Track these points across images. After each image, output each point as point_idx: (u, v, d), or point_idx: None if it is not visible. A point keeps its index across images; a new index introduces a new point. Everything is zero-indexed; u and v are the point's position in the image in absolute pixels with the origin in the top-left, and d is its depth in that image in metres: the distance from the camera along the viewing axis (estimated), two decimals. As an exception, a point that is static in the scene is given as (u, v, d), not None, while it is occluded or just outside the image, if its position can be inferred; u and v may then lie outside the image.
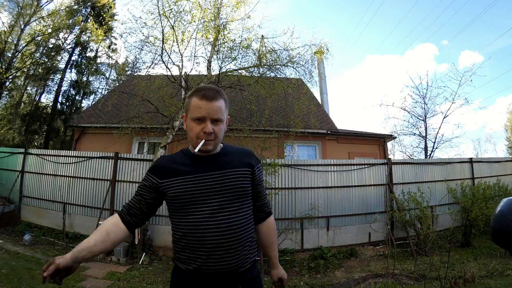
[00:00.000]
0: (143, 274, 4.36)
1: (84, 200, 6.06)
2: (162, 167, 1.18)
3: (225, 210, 1.09)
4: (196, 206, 1.08)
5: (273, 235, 1.33)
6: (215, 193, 1.10)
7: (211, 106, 1.09)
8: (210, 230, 1.06)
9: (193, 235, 1.07)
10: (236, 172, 1.16)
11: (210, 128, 1.09)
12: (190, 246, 1.08)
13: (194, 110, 1.11)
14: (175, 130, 6.13)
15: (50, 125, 17.32)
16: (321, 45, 7.26)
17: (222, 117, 1.13)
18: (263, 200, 1.30)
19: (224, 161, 1.18)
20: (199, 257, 1.06)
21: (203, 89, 1.13)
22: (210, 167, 1.15)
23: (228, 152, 1.23)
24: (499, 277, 4.03)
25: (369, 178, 6.36)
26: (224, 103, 1.15)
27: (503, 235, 0.92)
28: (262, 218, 1.30)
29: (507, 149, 23.82)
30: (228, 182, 1.13)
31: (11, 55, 15.20)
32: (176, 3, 6.33)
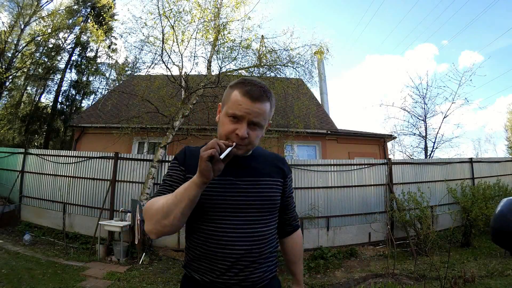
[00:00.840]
0: (143, 274, 4.36)
1: (84, 200, 6.06)
2: (188, 157, 1.03)
3: (254, 222, 0.98)
4: (220, 214, 0.96)
5: (299, 250, 1.22)
6: (244, 203, 0.98)
7: (253, 107, 0.92)
8: (236, 243, 0.95)
9: (213, 245, 0.95)
10: (270, 182, 1.05)
11: (245, 132, 0.92)
12: (209, 256, 0.96)
13: (232, 105, 0.93)
14: (175, 130, 6.13)
15: (50, 125, 17.32)
16: (321, 45, 7.28)
17: (262, 122, 0.96)
18: (292, 213, 1.20)
19: (257, 167, 1.05)
20: (218, 269, 0.95)
21: (249, 83, 0.95)
22: (241, 171, 1.01)
23: (260, 155, 1.10)
24: (499, 277, 4.03)
25: (369, 178, 6.36)
26: (269, 106, 0.98)
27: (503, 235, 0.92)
28: (290, 231, 1.20)
29: (507, 149, 23.82)
30: (260, 193, 1.01)
31: (11, 55, 15.20)
32: (176, 3, 6.35)
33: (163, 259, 5.17)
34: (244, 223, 0.97)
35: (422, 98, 9.88)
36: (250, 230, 0.97)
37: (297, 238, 1.21)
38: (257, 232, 0.98)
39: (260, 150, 1.13)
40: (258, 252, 0.98)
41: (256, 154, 1.09)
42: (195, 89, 6.51)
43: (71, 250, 5.21)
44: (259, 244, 0.98)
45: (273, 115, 1.05)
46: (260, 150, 1.14)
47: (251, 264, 0.96)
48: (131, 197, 5.71)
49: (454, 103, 9.54)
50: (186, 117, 6.35)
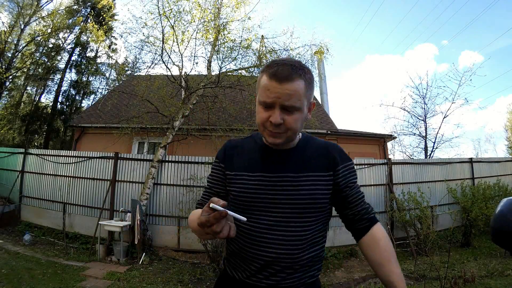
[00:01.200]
0: (143, 274, 4.36)
1: (84, 200, 6.06)
2: (228, 153, 0.99)
3: (290, 222, 0.89)
4: (255, 211, 0.90)
5: (388, 246, 0.93)
6: (281, 201, 0.89)
7: (282, 89, 0.82)
8: (268, 244, 0.87)
9: (247, 242, 0.90)
10: (312, 178, 0.92)
11: (279, 118, 0.84)
12: (241, 254, 0.92)
13: (262, 92, 0.86)
14: (175, 130, 6.13)
15: (50, 125, 17.33)
16: (321, 45, 7.29)
17: (297, 104, 0.85)
18: (360, 206, 0.98)
19: (300, 160, 0.94)
20: (249, 269, 0.90)
21: (277, 64, 0.86)
22: (281, 166, 0.93)
23: (307, 146, 0.98)
24: (499, 277, 4.03)
25: (369, 178, 6.36)
26: (303, 84, 0.86)
27: (503, 235, 0.92)
28: (366, 227, 0.96)
29: (507, 149, 23.83)
30: (299, 191, 0.90)
31: (11, 55, 15.21)
32: (176, 3, 6.35)
33: (163, 259, 5.17)
34: (279, 224, 0.89)
35: (422, 98, 9.90)
36: (286, 233, 0.88)
37: (378, 232, 0.95)
38: (293, 236, 0.88)
39: (310, 140, 1.01)
40: (293, 257, 0.87)
41: (303, 145, 0.98)
42: (195, 89, 6.51)
43: (71, 250, 5.21)
44: (295, 249, 0.88)
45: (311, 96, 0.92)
46: (311, 140, 1.01)
47: (285, 269, 0.87)
48: (131, 197, 5.71)
49: (454, 103, 9.56)
50: (186, 117, 6.35)
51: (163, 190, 5.80)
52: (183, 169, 5.86)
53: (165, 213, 5.67)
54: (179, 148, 6.99)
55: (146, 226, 5.35)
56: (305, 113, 0.90)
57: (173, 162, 5.92)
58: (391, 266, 0.90)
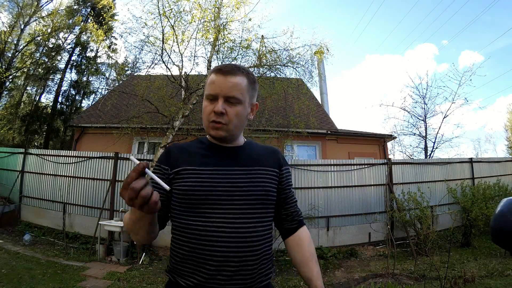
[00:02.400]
0: (143, 274, 4.36)
1: (84, 200, 6.06)
2: (173, 154, 0.97)
3: (246, 217, 0.88)
4: (210, 206, 0.87)
5: (309, 247, 1.02)
6: (236, 194, 0.89)
7: (226, 82, 0.89)
8: (224, 239, 0.85)
9: (200, 242, 0.85)
10: (264, 172, 0.96)
11: (220, 107, 0.88)
12: (194, 256, 0.86)
13: (208, 86, 0.93)
14: (175, 130, 6.13)
15: (50, 125, 17.33)
16: (321, 45, 7.27)
17: (239, 96, 0.90)
18: (293, 208, 1.06)
19: (249, 156, 0.98)
20: (204, 272, 0.84)
21: (223, 64, 0.95)
22: (232, 161, 0.95)
23: (253, 147, 1.04)
24: (499, 277, 4.03)
25: (369, 178, 6.36)
26: (246, 80, 0.93)
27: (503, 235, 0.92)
28: (294, 228, 1.04)
29: (507, 149, 23.83)
30: (253, 183, 0.92)
31: (11, 55, 15.20)
32: (177, 3, 6.34)
33: (163, 259, 5.17)
34: (236, 217, 0.87)
35: (422, 98, 9.90)
36: (240, 226, 0.87)
37: (303, 234, 1.05)
38: (250, 228, 0.88)
39: (253, 144, 1.07)
40: (252, 252, 0.87)
41: (249, 146, 1.04)
42: (195, 89, 6.50)
43: (71, 250, 5.21)
44: (253, 243, 0.88)
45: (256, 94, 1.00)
46: (254, 143, 1.08)
47: (244, 265, 0.85)
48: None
49: (454, 103, 9.56)
50: (186, 117, 6.34)
51: (163, 190, 5.80)
52: (183, 169, 5.85)
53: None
54: (179, 148, 6.99)
55: (146, 226, 5.34)
56: (246, 109, 0.95)
57: (173, 162, 5.91)
58: (312, 265, 0.99)
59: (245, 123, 0.99)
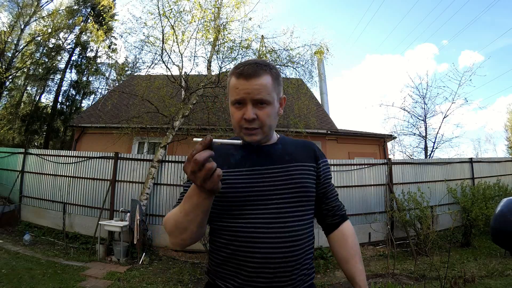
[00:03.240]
0: (143, 274, 4.36)
1: (84, 200, 6.06)
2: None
3: (286, 216, 0.86)
4: (248, 207, 0.86)
5: (353, 244, 1.00)
6: (275, 193, 0.87)
7: (251, 85, 0.86)
8: (263, 240, 0.82)
9: (240, 244, 0.84)
10: (301, 168, 0.93)
11: (252, 114, 0.85)
12: (234, 259, 0.84)
13: (232, 92, 0.89)
14: (175, 130, 6.13)
15: (50, 125, 17.32)
16: (321, 45, 7.28)
17: (267, 97, 0.87)
18: (335, 202, 1.03)
19: (284, 153, 0.95)
20: (244, 274, 0.83)
21: (242, 65, 0.90)
22: (267, 159, 0.92)
23: (287, 142, 1.01)
24: (499, 277, 4.03)
25: (369, 178, 6.36)
26: (271, 79, 0.89)
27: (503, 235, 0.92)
28: (337, 223, 1.02)
29: (507, 149, 23.81)
30: (291, 180, 0.89)
31: (11, 55, 15.20)
32: (177, 3, 6.35)
33: (163, 259, 5.17)
34: (274, 217, 0.85)
35: (422, 98, 9.89)
36: (280, 226, 0.85)
37: (347, 229, 1.02)
38: (290, 228, 0.86)
39: (287, 139, 1.04)
40: (292, 253, 0.85)
41: (283, 141, 1.01)
42: (195, 89, 6.51)
43: (71, 250, 5.21)
44: (294, 243, 0.85)
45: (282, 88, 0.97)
46: (288, 138, 1.05)
47: (285, 267, 0.83)
48: (131, 197, 5.71)
49: (454, 103, 9.55)
50: (186, 117, 6.35)
51: (163, 190, 5.81)
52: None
53: (165, 213, 5.63)
54: (179, 148, 7.00)
55: (146, 226, 5.35)
56: (276, 107, 0.92)
57: (173, 162, 5.92)
58: (356, 262, 0.96)
59: (277, 120, 0.96)
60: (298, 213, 0.89)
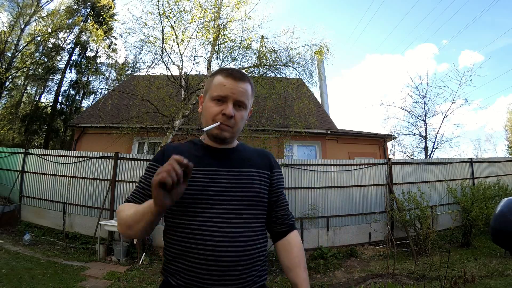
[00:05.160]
0: (143, 274, 4.36)
1: (84, 200, 6.06)
2: (168, 153, 0.97)
3: (237, 217, 0.89)
4: (201, 206, 0.88)
5: (298, 253, 1.02)
6: (229, 194, 0.91)
7: (237, 87, 0.94)
8: (215, 239, 0.85)
9: (191, 241, 0.86)
10: (255, 173, 0.98)
11: (231, 111, 0.92)
12: (185, 256, 0.87)
13: (216, 88, 0.94)
14: (175, 130, 6.13)
15: (50, 125, 17.32)
16: (321, 45, 7.28)
17: (246, 102, 0.96)
18: (284, 210, 1.07)
19: (241, 158, 1.01)
20: (195, 272, 0.84)
21: (229, 68, 0.99)
22: (224, 162, 0.97)
23: (245, 149, 1.06)
24: (499, 277, 4.03)
25: (369, 178, 6.36)
26: (250, 89, 0.99)
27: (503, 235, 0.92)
28: (284, 232, 1.05)
29: (507, 149, 23.82)
30: (245, 183, 0.94)
31: (11, 55, 15.21)
32: (177, 3, 6.35)
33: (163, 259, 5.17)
34: (227, 217, 0.88)
35: (422, 98, 9.89)
36: (233, 226, 0.88)
37: (294, 238, 1.05)
38: (241, 229, 0.88)
39: (245, 146, 1.10)
40: (242, 251, 0.87)
41: (242, 148, 1.06)
42: (195, 89, 6.51)
43: (71, 250, 5.21)
44: (246, 244, 0.88)
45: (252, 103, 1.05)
46: (246, 146, 1.10)
47: (237, 266, 0.85)
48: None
49: (454, 103, 9.56)
50: (186, 117, 6.35)
51: (163, 190, 5.79)
52: (183, 169, 5.85)
53: (165, 213, 5.66)
54: (179, 148, 6.98)
55: (146, 226, 5.34)
56: (246, 114, 1.00)
57: (173, 162, 5.91)
58: (300, 271, 0.99)
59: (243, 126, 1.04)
60: (249, 216, 0.92)
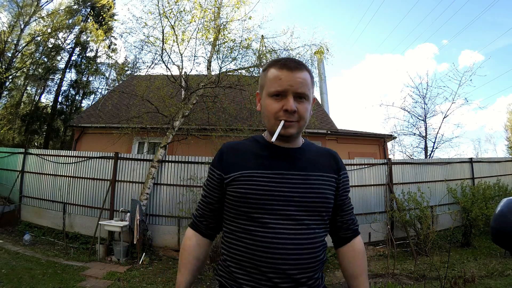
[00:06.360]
0: (143, 274, 4.36)
1: (84, 200, 6.06)
2: (227, 156, 0.92)
3: (305, 224, 0.83)
4: (267, 212, 0.82)
5: (362, 260, 0.98)
6: (297, 200, 0.84)
7: (294, 77, 0.85)
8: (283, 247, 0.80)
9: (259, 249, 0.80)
10: (322, 178, 0.91)
11: (293, 105, 0.84)
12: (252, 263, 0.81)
13: (272, 83, 0.86)
14: (175, 130, 6.13)
15: (50, 125, 17.32)
16: (321, 45, 7.28)
17: (307, 92, 0.87)
18: (350, 215, 1.02)
19: (307, 159, 0.92)
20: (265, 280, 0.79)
21: (282, 58, 0.90)
22: (290, 164, 0.89)
23: (311, 149, 0.97)
24: (499, 277, 4.03)
25: (369, 178, 6.36)
26: (309, 77, 0.89)
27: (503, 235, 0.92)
28: (349, 238, 0.99)
29: (507, 149, 23.82)
30: (312, 189, 0.86)
31: (11, 55, 15.20)
32: (177, 3, 6.34)
33: (163, 259, 5.17)
34: (296, 225, 0.82)
35: (422, 98, 9.88)
36: (303, 234, 0.82)
37: (358, 245, 1.00)
38: (309, 239, 0.83)
39: (311, 144, 1.00)
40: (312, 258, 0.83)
41: (307, 147, 0.97)
42: (195, 89, 6.50)
43: (71, 250, 5.21)
44: (312, 253, 0.83)
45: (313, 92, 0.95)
46: (312, 144, 1.01)
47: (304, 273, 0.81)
48: (131, 197, 5.71)
49: (454, 103, 9.55)
50: (186, 117, 6.34)
51: (163, 190, 5.80)
52: (183, 169, 5.86)
53: (165, 213, 5.67)
54: (179, 148, 6.99)
55: (146, 226, 5.35)
56: (310, 105, 0.91)
57: (173, 162, 5.92)
58: (363, 279, 0.95)
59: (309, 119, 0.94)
60: (316, 222, 0.86)
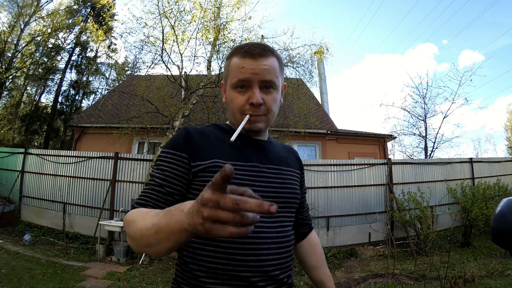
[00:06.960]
0: (143, 274, 4.36)
1: (84, 200, 6.06)
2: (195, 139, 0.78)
3: (281, 222, 0.79)
4: None
5: (321, 251, 1.01)
6: (274, 196, 0.78)
7: (259, 65, 0.75)
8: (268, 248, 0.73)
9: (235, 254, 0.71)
10: (292, 173, 0.87)
11: (259, 97, 0.74)
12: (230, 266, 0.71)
13: (235, 73, 0.76)
14: (175, 130, 6.12)
15: (50, 125, 17.32)
16: (321, 45, 7.29)
17: (275, 80, 0.77)
18: (307, 212, 1.03)
19: (277, 153, 0.87)
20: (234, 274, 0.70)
21: (245, 45, 0.78)
22: (264, 156, 0.82)
23: (275, 144, 0.92)
24: (499, 277, 4.03)
25: (369, 178, 6.36)
26: (277, 62, 0.79)
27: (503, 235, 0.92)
28: (306, 232, 1.01)
29: (507, 149, 23.82)
30: (285, 184, 0.82)
31: (11, 55, 15.20)
32: (177, 3, 6.35)
33: (163, 259, 5.17)
34: (275, 222, 0.77)
35: (422, 98, 9.89)
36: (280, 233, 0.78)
37: (314, 238, 1.02)
38: (286, 236, 0.79)
39: (273, 140, 0.94)
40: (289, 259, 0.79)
41: (272, 141, 0.92)
42: (195, 89, 6.51)
43: (71, 250, 5.21)
44: (289, 251, 0.80)
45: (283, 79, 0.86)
46: (273, 140, 0.95)
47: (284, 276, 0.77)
48: (131, 197, 5.71)
49: (454, 103, 9.56)
50: (186, 117, 6.35)
51: (163, 190, 5.79)
52: (183, 169, 5.85)
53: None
54: (179, 148, 6.98)
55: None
56: (279, 95, 0.82)
57: (173, 162, 5.91)
58: (324, 268, 0.99)
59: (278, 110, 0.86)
60: (289, 220, 0.83)
